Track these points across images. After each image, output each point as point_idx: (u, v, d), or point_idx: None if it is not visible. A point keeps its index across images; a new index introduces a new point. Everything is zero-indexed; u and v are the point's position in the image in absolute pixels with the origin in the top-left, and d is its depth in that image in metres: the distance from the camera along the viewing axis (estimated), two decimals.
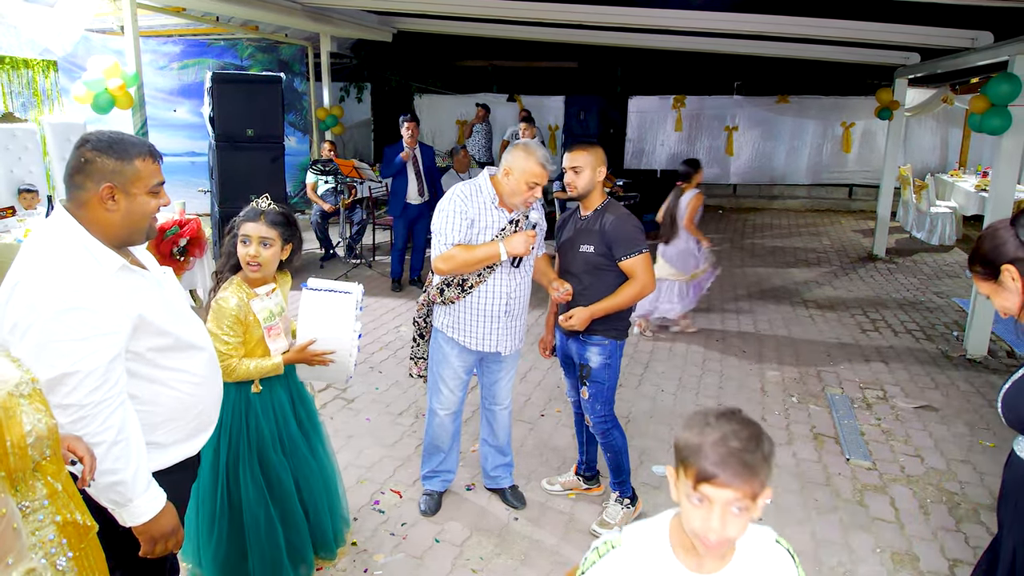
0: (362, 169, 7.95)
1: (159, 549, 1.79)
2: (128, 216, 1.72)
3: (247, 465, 2.47)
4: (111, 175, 1.68)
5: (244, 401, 2.47)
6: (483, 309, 3.03)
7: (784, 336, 6.02)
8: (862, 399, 4.71)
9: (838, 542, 3.17)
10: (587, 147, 3.06)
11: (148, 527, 1.74)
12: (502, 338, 3.10)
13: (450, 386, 3.20)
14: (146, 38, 8.51)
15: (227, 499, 2.48)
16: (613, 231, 3.00)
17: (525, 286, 3.13)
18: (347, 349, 2.49)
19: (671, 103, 13.01)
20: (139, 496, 1.70)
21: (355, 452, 3.83)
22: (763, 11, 6.98)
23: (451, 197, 2.97)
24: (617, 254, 3.01)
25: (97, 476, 1.62)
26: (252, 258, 2.39)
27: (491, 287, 3.01)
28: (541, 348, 3.54)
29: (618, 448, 3.23)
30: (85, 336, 1.59)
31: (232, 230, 2.46)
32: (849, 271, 8.48)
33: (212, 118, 6.78)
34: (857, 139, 12.56)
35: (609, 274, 3.05)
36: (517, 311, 3.12)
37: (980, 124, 6.02)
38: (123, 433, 1.65)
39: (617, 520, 3.23)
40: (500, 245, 2.89)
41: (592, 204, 3.10)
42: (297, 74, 10.89)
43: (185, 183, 8.72)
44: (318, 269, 7.93)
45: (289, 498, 2.55)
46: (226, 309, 2.37)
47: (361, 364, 5.07)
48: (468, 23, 8.97)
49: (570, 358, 3.31)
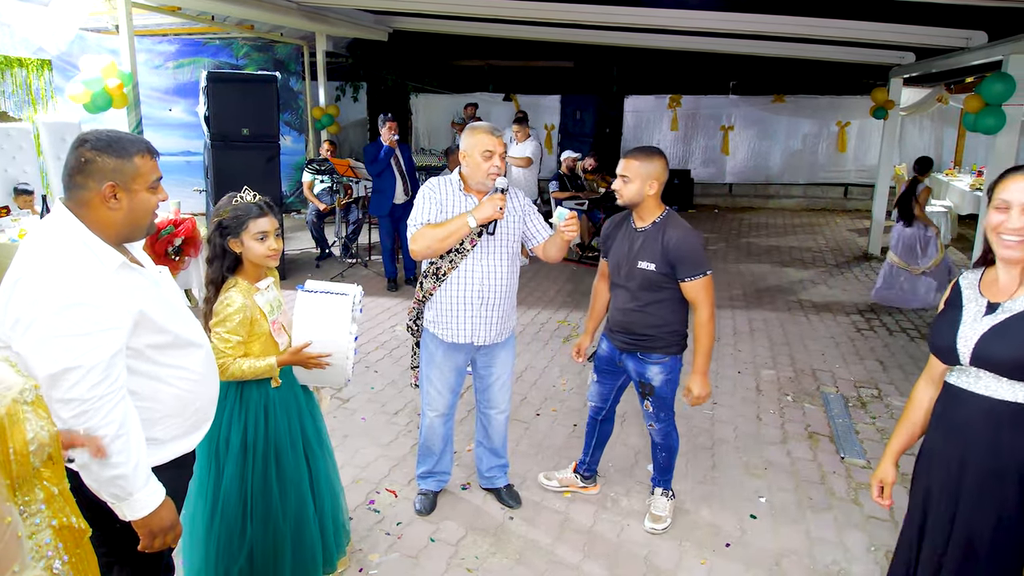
0: (358, 168, 7.94)
1: (158, 543, 1.81)
2: (131, 213, 1.75)
3: (264, 466, 2.44)
4: (112, 174, 1.70)
5: (264, 396, 2.45)
6: (457, 297, 2.98)
7: (779, 335, 6.03)
8: (857, 398, 4.73)
9: (832, 540, 3.18)
10: (642, 156, 2.92)
11: (148, 521, 1.76)
12: (477, 328, 3.02)
13: (437, 387, 3.17)
14: (141, 37, 8.49)
15: (244, 503, 2.45)
16: (678, 250, 2.87)
17: (504, 275, 3.01)
18: (343, 352, 2.45)
19: (667, 102, 13.03)
20: (139, 490, 1.72)
21: (350, 452, 3.83)
22: (758, 11, 7.00)
23: (421, 189, 3.00)
24: (681, 275, 2.89)
25: (99, 470, 1.65)
26: (275, 251, 2.42)
27: (463, 273, 2.96)
28: (575, 352, 3.43)
29: (674, 449, 3.25)
30: (87, 331, 1.61)
31: (225, 233, 2.38)
32: (844, 270, 8.50)
33: (207, 117, 6.76)
34: (853, 138, 12.59)
35: (667, 291, 2.95)
36: (494, 300, 3.01)
37: (974, 123, 6.05)
38: (124, 428, 1.67)
39: (667, 512, 3.27)
40: (468, 215, 2.83)
41: (648, 216, 2.96)
42: (293, 73, 10.88)
43: (180, 182, 8.69)
44: (314, 269, 7.92)
45: (303, 498, 2.53)
46: (232, 310, 2.34)
47: (357, 364, 5.07)
48: (464, 22, 8.98)
49: (616, 370, 3.25)
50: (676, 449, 3.26)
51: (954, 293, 1.95)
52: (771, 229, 11.14)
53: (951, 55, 7.32)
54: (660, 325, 3.00)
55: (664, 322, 3.00)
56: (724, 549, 3.11)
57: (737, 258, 9.06)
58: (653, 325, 3.00)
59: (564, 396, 4.66)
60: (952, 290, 1.97)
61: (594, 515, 3.35)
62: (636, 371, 3.12)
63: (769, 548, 3.12)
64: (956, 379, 1.90)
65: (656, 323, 3.00)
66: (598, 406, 3.39)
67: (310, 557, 2.57)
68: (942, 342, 1.89)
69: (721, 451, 3.99)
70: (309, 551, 2.57)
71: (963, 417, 1.86)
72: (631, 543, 3.14)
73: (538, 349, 5.50)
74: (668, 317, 3.00)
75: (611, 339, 3.19)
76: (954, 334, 1.85)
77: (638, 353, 3.07)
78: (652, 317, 2.99)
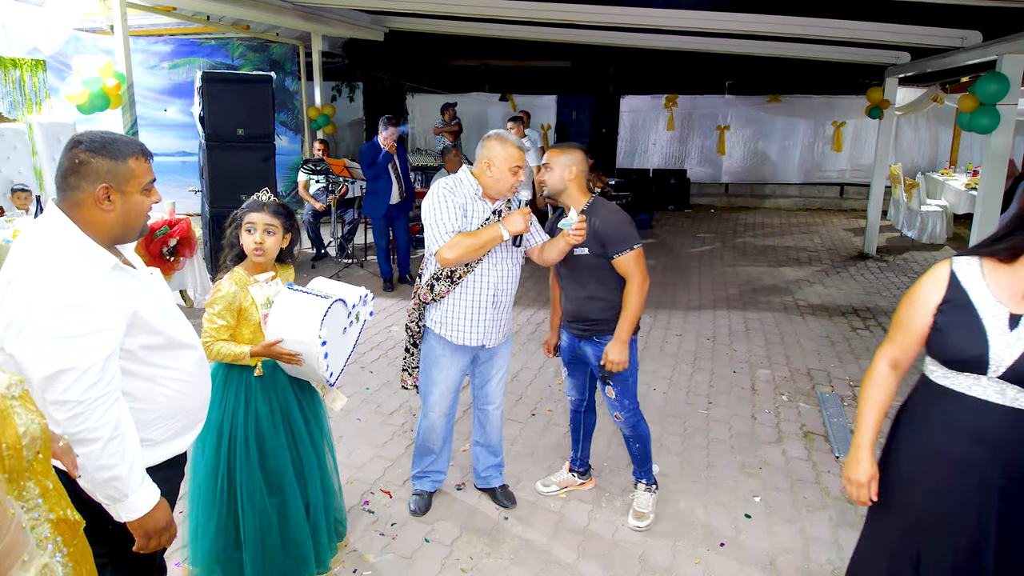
0: (353, 168, 7.93)
1: (153, 544, 1.81)
2: (124, 215, 1.75)
3: (245, 450, 2.49)
4: (106, 175, 1.70)
5: (244, 384, 2.53)
6: (471, 300, 3.01)
7: (775, 334, 6.04)
8: (852, 397, 4.73)
9: (827, 539, 3.18)
10: (561, 147, 3.07)
11: (143, 522, 1.76)
12: (489, 331, 3.07)
13: (441, 388, 3.18)
14: (136, 37, 8.47)
15: (226, 486, 2.50)
16: (605, 229, 2.97)
17: (514, 276, 3.11)
18: (313, 354, 2.42)
19: (663, 102, 13.03)
20: (134, 491, 1.72)
21: (345, 452, 3.82)
22: (754, 10, 7.01)
23: (437, 191, 2.95)
24: (611, 252, 2.98)
25: (94, 472, 1.65)
26: (258, 244, 2.50)
27: (479, 276, 2.99)
28: (545, 349, 3.52)
29: (645, 437, 3.27)
30: (81, 333, 1.61)
31: (235, 222, 2.56)
32: (840, 270, 8.52)
33: (202, 117, 6.75)
34: (848, 138, 12.60)
35: (607, 272, 3.03)
36: (504, 302, 3.09)
37: (969, 123, 6.07)
38: (119, 429, 1.67)
39: (650, 508, 3.28)
40: (500, 226, 2.87)
41: (576, 205, 3.05)
42: (288, 73, 10.86)
43: (176, 183, 8.69)
44: (310, 269, 7.91)
45: (289, 487, 2.56)
46: (220, 294, 2.48)
47: (352, 364, 5.07)
48: (460, 22, 8.96)
49: (579, 360, 3.30)
50: (648, 437, 3.28)
51: (955, 289, 1.81)
52: (767, 229, 11.15)
53: (946, 55, 7.34)
54: (610, 307, 3.07)
55: (612, 304, 3.06)
56: (719, 548, 3.11)
57: (733, 258, 9.07)
58: (602, 308, 3.08)
59: (559, 396, 4.66)
60: (950, 284, 1.82)
61: (589, 514, 3.35)
62: (595, 355, 3.16)
63: (764, 547, 3.12)
64: (967, 388, 1.81)
65: (604, 306, 3.08)
66: (577, 398, 3.43)
67: (298, 552, 2.58)
68: (971, 351, 1.76)
69: (716, 450, 3.99)
70: (296, 546, 2.57)
71: (993, 429, 1.77)
72: (626, 542, 3.14)
73: (534, 349, 5.50)
74: (615, 298, 3.06)
75: (568, 330, 3.26)
76: (984, 343, 1.73)
77: (594, 337, 3.13)
78: (599, 301, 3.07)
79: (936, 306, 1.85)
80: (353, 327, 2.64)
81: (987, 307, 1.76)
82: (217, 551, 2.52)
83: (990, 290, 1.77)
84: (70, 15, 6.04)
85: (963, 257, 1.85)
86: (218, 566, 2.53)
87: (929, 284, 1.87)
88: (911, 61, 8.50)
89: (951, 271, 1.84)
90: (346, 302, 2.53)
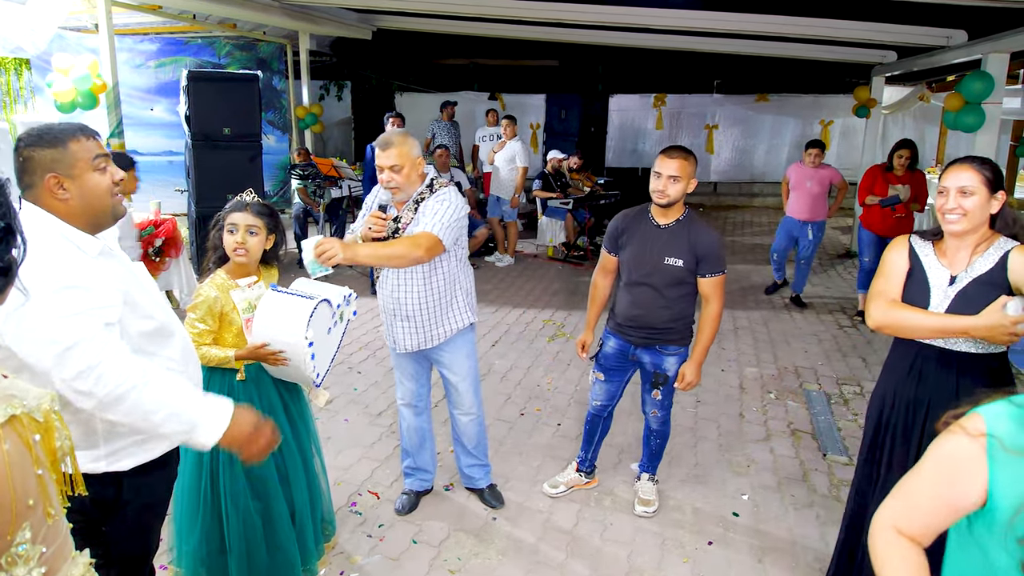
0: (341, 168, 7.90)
1: (257, 450, 1.81)
2: (83, 198, 1.74)
3: (228, 455, 2.45)
4: (51, 164, 1.71)
5: (227, 387, 2.49)
6: (381, 305, 3.13)
7: (763, 333, 6.06)
8: (839, 395, 4.75)
9: (814, 537, 3.19)
10: (689, 157, 2.96)
11: (232, 436, 1.76)
12: (398, 335, 3.09)
13: (403, 386, 3.29)
14: (122, 36, 8.40)
15: (209, 489, 2.47)
16: (706, 246, 2.97)
17: (418, 285, 2.96)
18: (299, 355, 2.41)
19: (652, 101, 13.05)
20: (201, 415, 1.72)
21: (333, 454, 3.80)
22: (742, 10, 7.03)
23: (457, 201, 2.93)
24: (703, 271, 2.98)
25: (148, 421, 1.66)
26: (239, 245, 2.47)
27: (381, 282, 3.09)
28: (579, 348, 3.43)
29: (668, 436, 3.41)
30: (81, 310, 1.63)
31: (218, 223, 2.53)
32: (828, 268, 8.56)
33: (188, 117, 6.70)
34: (836, 137, 12.66)
35: (688, 286, 3.04)
36: (406, 312, 3.00)
37: (955, 121, 6.10)
38: (146, 375, 1.66)
39: (655, 496, 3.39)
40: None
41: (673, 214, 3.02)
42: (276, 72, 10.79)
43: (162, 183, 8.62)
44: (298, 269, 7.85)
45: (273, 490, 2.54)
46: (200, 299, 2.45)
47: (339, 364, 5.04)
48: (449, 21, 8.95)
49: (623, 366, 3.28)
50: (668, 435, 3.40)
51: (914, 260, 2.32)
52: (755, 227, 11.19)
53: (932, 54, 7.39)
54: (679, 318, 3.10)
55: (682, 315, 3.10)
56: (707, 547, 3.11)
57: None
58: (673, 319, 3.09)
59: (548, 396, 4.66)
60: (911, 256, 2.33)
61: (577, 514, 3.34)
62: (652, 363, 3.18)
63: (752, 546, 3.13)
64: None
65: (676, 316, 3.09)
66: (605, 403, 3.41)
67: (284, 558, 2.56)
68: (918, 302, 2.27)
69: (704, 449, 3.99)
70: (281, 552, 2.55)
71: (927, 366, 2.29)
72: (614, 542, 3.13)
73: (523, 348, 5.49)
74: (686, 310, 3.11)
75: (622, 335, 3.21)
76: (927, 299, 2.25)
77: (656, 346, 3.14)
78: (673, 311, 3.07)
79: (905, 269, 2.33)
80: (337, 327, 2.62)
81: (933, 269, 2.28)
82: (202, 555, 2.49)
83: (936, 258, 2.29)
84: (55, 14, 5.99)
85: (919, 239, 2.37)
86: (203, 569, 2.51)
87: (897, 251, 2.39)
88: (898, 60, 8.56)
89: (912, 247, 2.36)
90: (331, 302, 2.52)
